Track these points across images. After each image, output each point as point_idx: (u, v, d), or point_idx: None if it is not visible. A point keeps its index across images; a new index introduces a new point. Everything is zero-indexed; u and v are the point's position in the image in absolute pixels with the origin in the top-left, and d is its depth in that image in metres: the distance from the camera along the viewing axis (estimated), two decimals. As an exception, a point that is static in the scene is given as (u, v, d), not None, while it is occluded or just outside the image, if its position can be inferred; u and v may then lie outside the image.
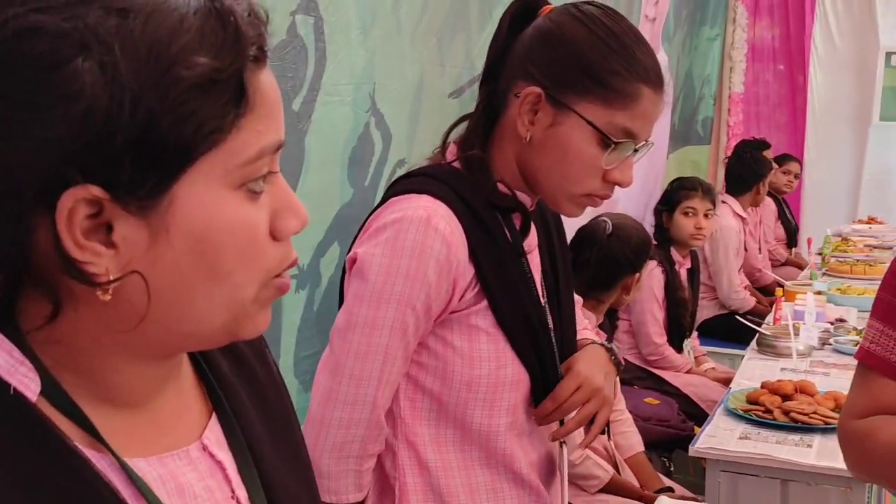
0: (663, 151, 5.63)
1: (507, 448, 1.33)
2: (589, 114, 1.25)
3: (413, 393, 1.32)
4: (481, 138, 1.34)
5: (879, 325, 1.32)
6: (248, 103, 0.63)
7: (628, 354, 3.50)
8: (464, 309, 1.29)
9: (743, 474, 2.20)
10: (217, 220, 0.62)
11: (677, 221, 3.63)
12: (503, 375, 1.30)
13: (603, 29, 1.27)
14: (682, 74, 5.85)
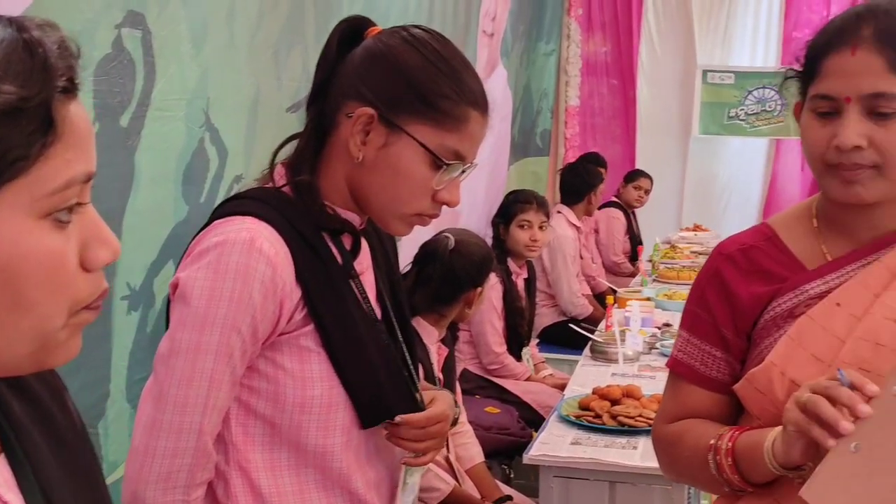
0: (504, 163, 5.78)
1: (344, 468, 1.32)
2: (421, 136, 1.28)
3: (245, 418, 1.30)
4: (310, 158, 1.33)
5: (686, 335, 1.40)
6: (56, 133, 0.63)
7: (469, 365, 3.57)
8: (293, 331, 1.28)
9: (574, 478, 2.29)
10: (22, 250, 0.62)
11: (513, 234, 3.74)
12: (336, 395, 1.30)
13: (433, 53, 1.30)
14: (520, 88, 6.02)
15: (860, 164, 1.22)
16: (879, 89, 1.19)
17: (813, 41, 1.28)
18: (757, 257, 1.35)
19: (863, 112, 1.21)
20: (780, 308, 1.30)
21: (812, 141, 1.26)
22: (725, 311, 1.35)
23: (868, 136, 1.20)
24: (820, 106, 1.25)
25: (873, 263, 1.28)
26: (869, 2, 1.28)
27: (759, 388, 1.28)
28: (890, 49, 1.19)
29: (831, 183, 1.26)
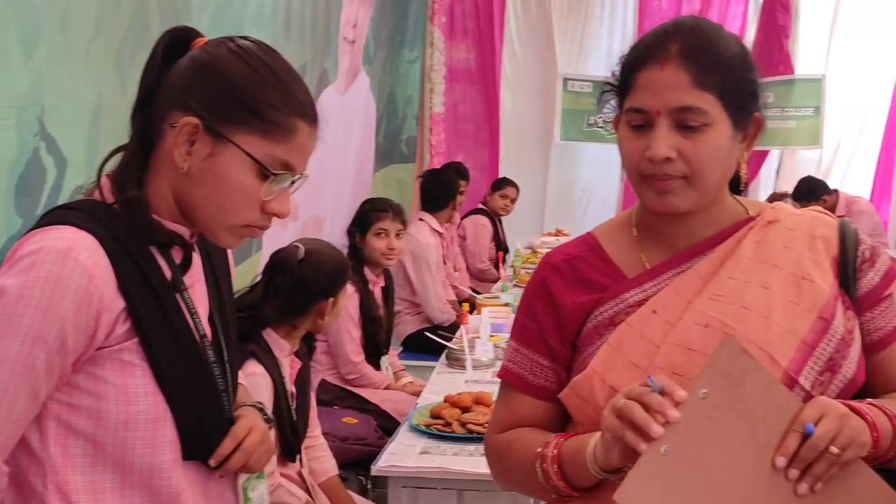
0: (369, 170, 5.78)
1: (174, 485, 1.29)
2: (247, 145, 1.26)
3: (65, 438, 1.25)
4: (136, 170, 1.30)
5: (515, 345, 1.43)
6: None
7: (327, 375, 3.54)
8: (114, 344, 1.24)
9: (422, 488, 2.30)
10: None
11: (370, 242, 3.72)
12: (162, 411, 1.27)
13: (259, 63, 1.29)
14: (384, 95, 6.03)
15: (671, 174, 1.26)
16: (686, 103, 1.24)
17: (627, 56, 1.32)
18: (580, 267, 1.38)
19: (672, 125, 1.25)
20: (602, 316, 1.34)
21: (627, 152, 1.30)
22: (551, 320, 1.37)
23: (677, 148, 1.25)
24: (633, 119, 1.29)
25: (687, 271, 1.33)
26: (676, 19, 1.33)
27: (582, 395, 1.31)
28: (695, 64, 1.24)
29: (646, 193, 1.30)
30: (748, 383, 1.18)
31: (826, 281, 1.31)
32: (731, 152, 1.29)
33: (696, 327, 1.26)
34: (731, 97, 1.26)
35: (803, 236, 1.35)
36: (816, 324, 1.27)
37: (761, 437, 1.18)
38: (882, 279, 1.35)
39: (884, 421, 1.22)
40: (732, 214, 1.37)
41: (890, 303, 1.36)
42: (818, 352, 1.26)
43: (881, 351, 1.34)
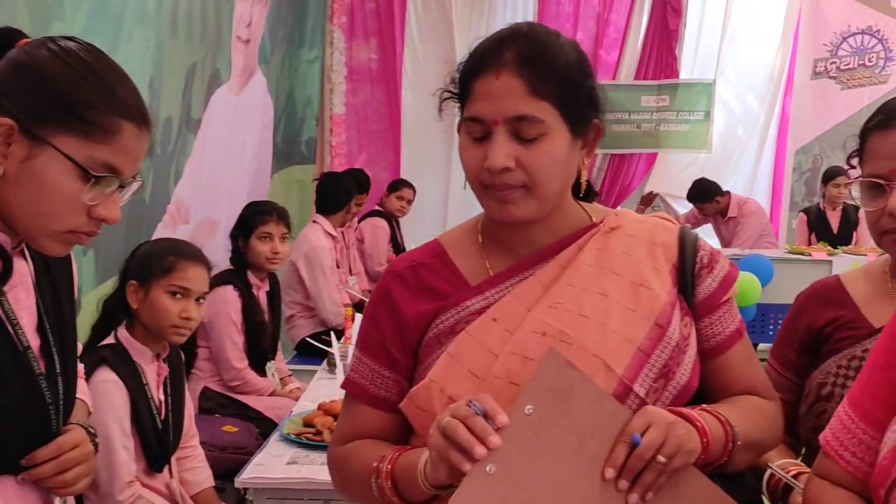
0: (267, 171, 5.68)
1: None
2: (66, 147, 1.22)
3: None
4: None
5: (359, 354, 1.40)
6: None
7: (210, 382, 3.45)
8: None
9: (288, 499, 2.25)
10: None
11: (253, 246, 3.64)
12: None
13: (80, 63, 1.25)
14: (283, 95, 5.94)
15: (510, 184, 1.24)
16: (521, 112, 1.22)
17: (464, 64, 1.30)
18: (425, 274, 1.36)
19: (510, 134, 1.23)
20: (444, 325, 1.31)
21: (467, 161, 1.28)
22: (393, 329, 1.35)
23: (515, 157, 1.23)
24: (472, 128, 1.27)
25: (528, 278, 1.32)
26: (513, 25, 1.30)
27: (421, 405, 1.28)
28: (530, 73, 1.23)
29: (488, 202, 1.29)
30: (575, 396, 1.17)
31: (664, 288, 1.31)
32: (570, 160, 1.29)
33: (533, 336, 1.25)
34: (568, 105, 1.25)
35: (643, 243, 1.35)
36: (652, 331, 1.27)
37: (590, 449, 1.17)
38: (720, 285, 1.37)
39: (716, 426, 1.23)
40: (576, 221, 1.37)
41: (727, 308, 1.37)
42: (653, 359, 1.26)
43: (719, 356, 1.36)
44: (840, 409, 1.20)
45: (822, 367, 1.55)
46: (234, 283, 3.50)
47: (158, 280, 2.46)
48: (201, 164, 4.37)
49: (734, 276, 1.39)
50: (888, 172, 1.42)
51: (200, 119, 4.35)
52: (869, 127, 1.47)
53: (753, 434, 1.28)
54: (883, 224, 1.44)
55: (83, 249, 3.11)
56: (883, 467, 1.07)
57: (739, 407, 1.31)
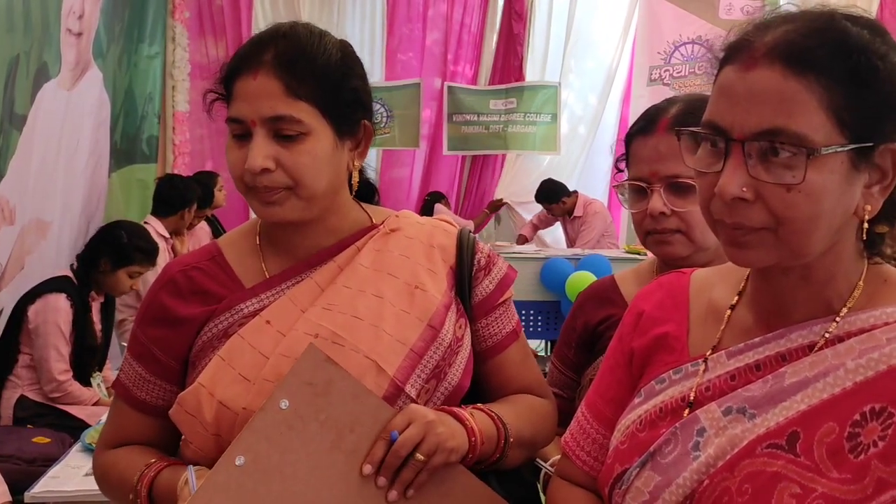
0: (104, 170, 5.47)
1: None
2: None
3: None
4: None
5: (128, 356, 1.36)
6: None
7: (28, 391, 3.30)
8: None
9: (80, 513, 2.15)
10: None
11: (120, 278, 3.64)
12: None
13: None
14: (121, 92, 5.73)
15: (272, 186, 1.24)
16: (278, 112, 1.22)
17: (227, 64, 1.29)
18: (198, 277, 1.33)
19: (269, 135, 1.23)
20: (217, 328, 1.29)
21: (231, 163, 1.27)
22: (160, 334, 1.32)
23: (275, 157, 1.22)
24: (234, 129, 1.26)
25: (304, 280, 1.31)
26: (276, 25, 1.30)
27: (189, 410, 1.26)
28: (287, 73, 1.22)
29: (253, 203, 1.28)
30: (334, 392, 1.17)
31: (439, 290, 1.33)
32: (336, 160, 1.28)
33: (306, 337, 1.24)
34: (330, 105, 1.25)
35: (421, 245, 1.37)
36: (425, 332, 1.29)
37: (349, 445, 1.17)
38: (497, 287, 1.39)
39: (487, 425, 1.25)
40: (355, 222, 1.37)
41: (504, 310, 1.40)
42: (425, 360, 1.28)
43: (495, 356, 1.38)
44: (578, 411, 1.23)
45: (594, 364, 1.60)
46: (68, 292, 3.35)
47: None
48: (28, 162, 4.16)
49: (511, 277, 1.42)
50: (648, 175, 1.48)
51: (26, 115, 4.14)
52: (632, 132, 1.53)
53: (526, 431, 1.32)
54: (646, 225, 1.50)
55: None
56: (607, 466, 1.10)
57: (513, 405, 1.33)
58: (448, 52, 7.42)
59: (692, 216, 1.45)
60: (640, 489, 1.03)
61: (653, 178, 1.47)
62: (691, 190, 1.44)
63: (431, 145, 7.55)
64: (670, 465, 1.02)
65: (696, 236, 1.47)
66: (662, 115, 1.47)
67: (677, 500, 1.00)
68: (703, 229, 1.44)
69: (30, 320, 3.15)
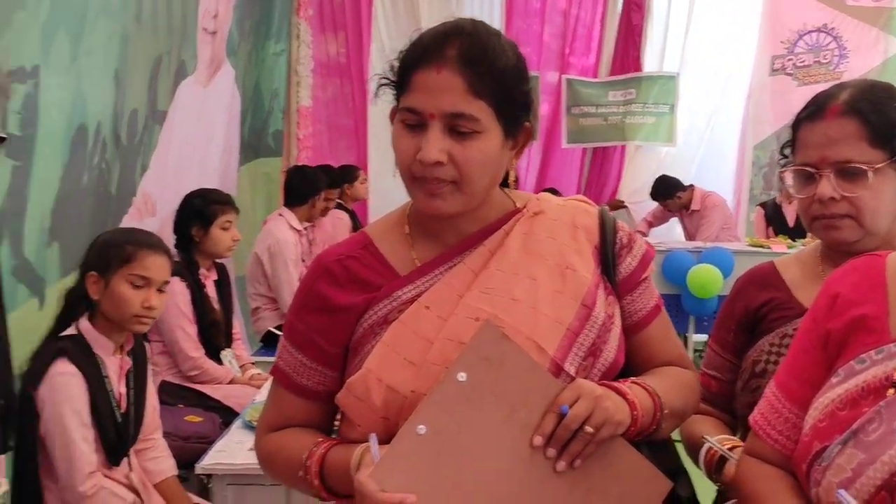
0: (234, 164, 5.69)
1: None
2: None
3: None
4: None
5: (286, 344, 1.42)
6: None
7: (167, 376, 3.45)
8: None
9: (249, 485, 2.27)
10: None
11: (215, 235, 3.63)
12: None
13: None
14: (249, 88, 5.94)
15: (441, 178, 1.28)
16: (458, 109, 1.25)
17: (405, 54, 1.32)
18: (353, 266, 1.38)
19: (444, 129, 1.26)
20: (376, 315, 1.34)
21: (400, 151, 1.31)
22: (321, 322, 1.37)
23: (448, 152, 1.26)
24: (407, 118, 1.29)
25: (457, 265, 1.36)
26: (457, 21, 1.33)
27: (358, 395, 1.31)
28: (470, 71, 1.25)
29: (416, 194, 1.32)
30: (508, 367, 1.22)
31: (588, 269, 1.37)
32: (500, 159, 1.32)
33: (467, 321, 1.29)
34: (504, 106, 1.28)
35: (566, 227, 1.40)
36: (580, 311, 1.33)
37: (521, 418, 1.22)
38: (639, 263, 1.43)
39: (644, 398, 1.29)
40: (500, 207, 1.41)
41: (647, 286, 1.44)
42: (581, 338, 1.32)
43: (641, 331, 1.43)
44: (767, 390, 1.27)
45: (756, 346, 1.63)
46: (181, 274, 3.49)
47: (118, 270, 2.46)
48: (168, 156, 4.38)
49: (651, 254, 1.46)
50: (818, 161, 1.49)
51: (167, 111, 4.35)
52: (800, 118, 1.55)
53: (677, 402, 1.36)
54: (813, 211, 1.53)
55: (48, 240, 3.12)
56: (805, 443, 1.14)
57: (663, 378, 1.38)
58: (566, 45, 7.40)
59: (862, 201, 1.48)
60: (842, 466, 1.06)
61: (822, 164, 1.50)
62: (861, 175, 1.46)
63: (547, 139, 7.56)
64: (874, 443, 1.05)
65: (866, 221, 1.50)
66: (832, 100, 1.49)
67: (882, 476, 1.03)
68: (872, 214, 1.48)
69: None
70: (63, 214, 3.20)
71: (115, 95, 3.68)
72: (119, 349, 2.49)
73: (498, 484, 1.22)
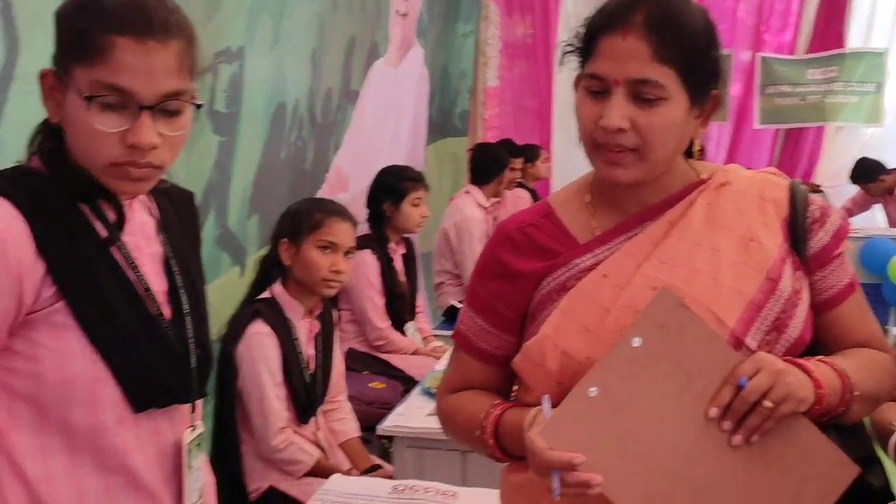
0: (422, 143, 5.84)
1: (120, 444, 1.29)
2: (76, 78, 1.21)
3: (9, 401, 1.25)
4: (55, 133, 1.28)
5: (467, 308, 1.46)
6: None
7: (354, 343, 3.60)
8: (44, 308, 1.23)
9: (427, 448, 2.34)
10: None
11: (405, 211, 3.74)
12: (100, 371, 1.26)
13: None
14: (438, 68, 6.07)
15: (623, 146, 1.26)
16: (644, 76, 1.23)
17: (591, 20, 1.31)
18: (533, 234, 1.39)
19: (629, 95, 1.24)
20: (554, 283, 1.35)
21: (583, 117, 1.30)
22: (501, 288, 1.39)
23: (631, 119, 1.24)
24: (591, 84, 1.28)
25: (637, 235, 1.34)
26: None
27: (534, 360, 1.33)
28: (657, 37, 1.23)
29: (597, 162, 1.31)
30: (686, 335, 1.21)
31: (774, 242, 1.32)
32: (685, 128, 1.30)
33: (645, 290, 1.28)
34: (691, 73, 1.26)
35: (754, 199, 1.36)
36: (764, 284, 1.29)
37: (697, 388, 1.20)
38: (832, 238, 1.36)
39: (831, 377, 1.24)
40: (684, 178, 1.38)
41: (840, 262, 1.37)
42: (765, 312, 1.28)
43: (832, 309, 1.36)
44: None
45: None
46: (371, 247, 3.63)
47: (308, 236, 2.60)
48: (359, 135, 4.56)
49: (846, 230, 1.39)
50: None
51: (359, 91, 4.53)
52: None
53: (869, 385, 1.29)
54: None
55: (248, 212, 3.33)
56: None
57: (855, 359, 1.31)
58: (761, 21, 7.08)
59: None
60: None
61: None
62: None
63: (738, 120, 7.27)
64: None
65: None
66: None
67: None
68: None
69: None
70: (262, 188, 3.40)
71: (312, 75, 3.86)
72: (308, 313, 2.63)
73: (667, 451, 1.21)
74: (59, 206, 1.25)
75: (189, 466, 1.38)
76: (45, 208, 1.23)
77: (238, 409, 2.52)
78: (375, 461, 2.74)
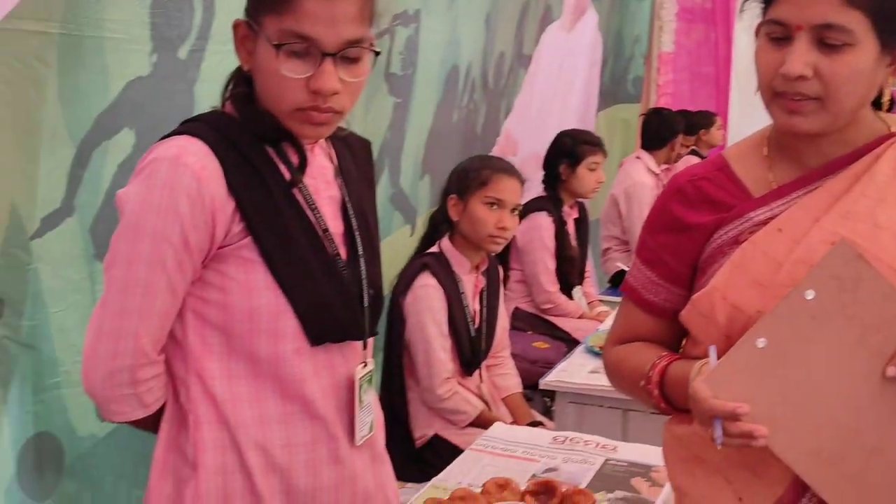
0: (593, 109, 5.77)
1: (298, 373, 1.37)
2: (266, 28, 1.29)
3: (202, 329, 1.36)
4: (246, 80, 1.38)
5: (638, 262, 1.45)
6: None
7: (521, 303, 3.63)
8: (234, 243, 1.32)
9: (588, 405, 2.36)
10: None
11: (581, 175, 3.72)
12: (282, 304, 1.35)
13: None
14: (612, 33, 5.96)
15: (804, 94, 1.21)
16: (829, 20, 1.19)
17: None
18: (706, 187, 1.37)
19: (812, 42, 1.20)
20: (726, 236, 1.33)
21: (762, 65, 1.26)
22: (671, 241, 1.38)
23: (814, 66, 1.20)
24: (773, 31, 1.24)
25: (816, 189, 1.29)
26: None
27: (702, 311, 1.31)
28: None
29: (775, 111, 1.27)
30: (862, 289, 1.17)
31: None
32: (873, 76, 1.24)
33: (822, 244, 1.24)
34: (883, 17, 1.20)
35: None
36: None
37: (872, 344, 1.17)
38: None
39: None
40: (870, 131, 1.31)
41: None
42: None
43: None
44: None
45: None
46: (548, 209, 3.64)
47: (475, 192, 2.65)
48: (530, 99, 4.56)
49: None
50: None
51: (531, 55, 4.52)
52: None
53: None
54: None
55: (420, 172, 3.42)
56: None
57: None
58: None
59: None
60: None
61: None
62: None
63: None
64: None
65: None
66: None
67: None
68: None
69: (518, 239, 3.44)
70: (434, 149, 3.48)
71: (485, 39, 3.89)
72: (475, 269, 2.68)
73: (838, 408, 1.18)
74: (248, 148, 1.34)
75: (360, 400, 1.45)
76: (236, 150, 1.33)
77: (405, 359, 2.62)
78: (537, 417, 2.78)
